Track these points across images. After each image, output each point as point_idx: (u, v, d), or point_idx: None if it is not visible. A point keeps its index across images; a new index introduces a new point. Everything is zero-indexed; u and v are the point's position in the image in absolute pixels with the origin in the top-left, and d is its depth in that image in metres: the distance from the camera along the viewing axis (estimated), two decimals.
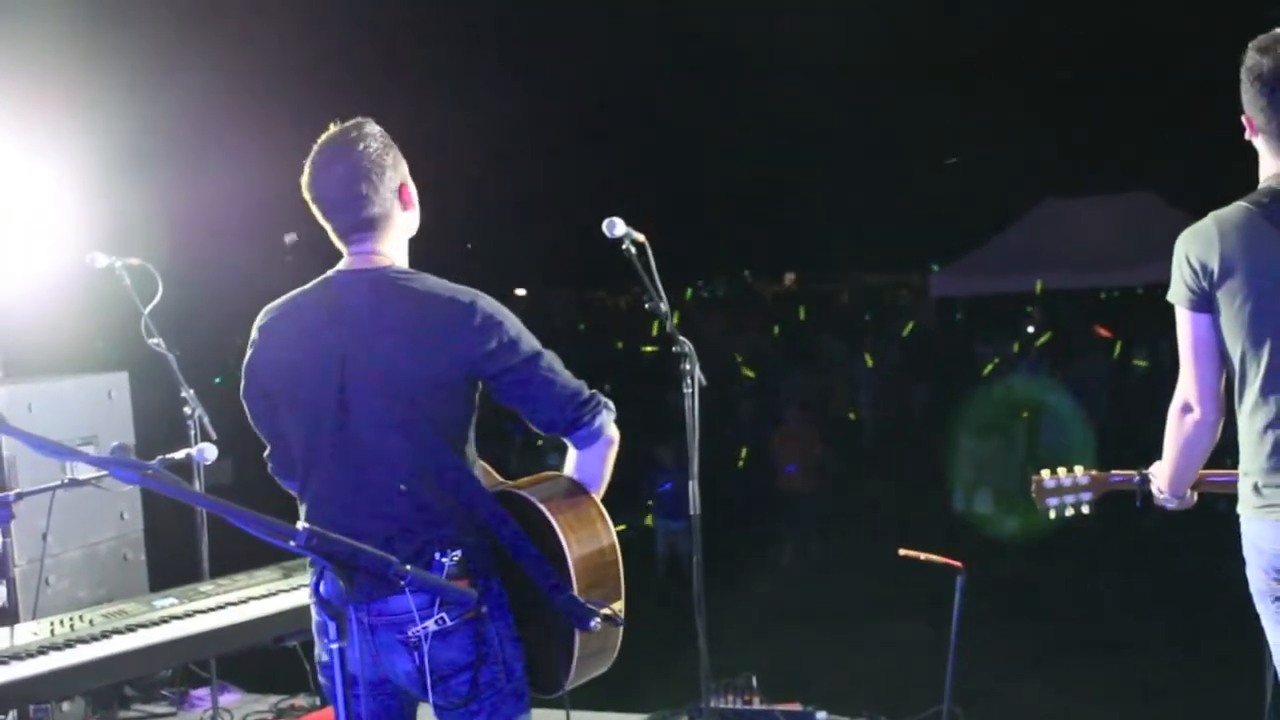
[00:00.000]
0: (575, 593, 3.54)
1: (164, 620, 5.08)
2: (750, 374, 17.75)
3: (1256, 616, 4.56)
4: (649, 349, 17.64)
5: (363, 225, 3.59)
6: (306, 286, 3.66)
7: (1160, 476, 4.22)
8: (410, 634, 3.46)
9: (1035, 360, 17.91)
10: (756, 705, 6.42)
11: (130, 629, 4.95)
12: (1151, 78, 28.39)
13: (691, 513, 5.08)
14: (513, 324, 3.56)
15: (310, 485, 3.62)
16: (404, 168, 3.68)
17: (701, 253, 30.15)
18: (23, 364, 7.42)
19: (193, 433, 6.23)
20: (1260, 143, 3.86)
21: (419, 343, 3.47)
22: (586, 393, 3.63)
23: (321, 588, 2.59)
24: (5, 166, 6.80)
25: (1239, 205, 3.82)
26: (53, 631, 4.90)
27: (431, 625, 3.45)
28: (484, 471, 3.70)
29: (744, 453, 15.92)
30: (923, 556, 5.53)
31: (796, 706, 6.42)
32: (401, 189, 3.65)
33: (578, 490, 3.73)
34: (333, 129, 3.63)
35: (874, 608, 10.69)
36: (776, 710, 6.36)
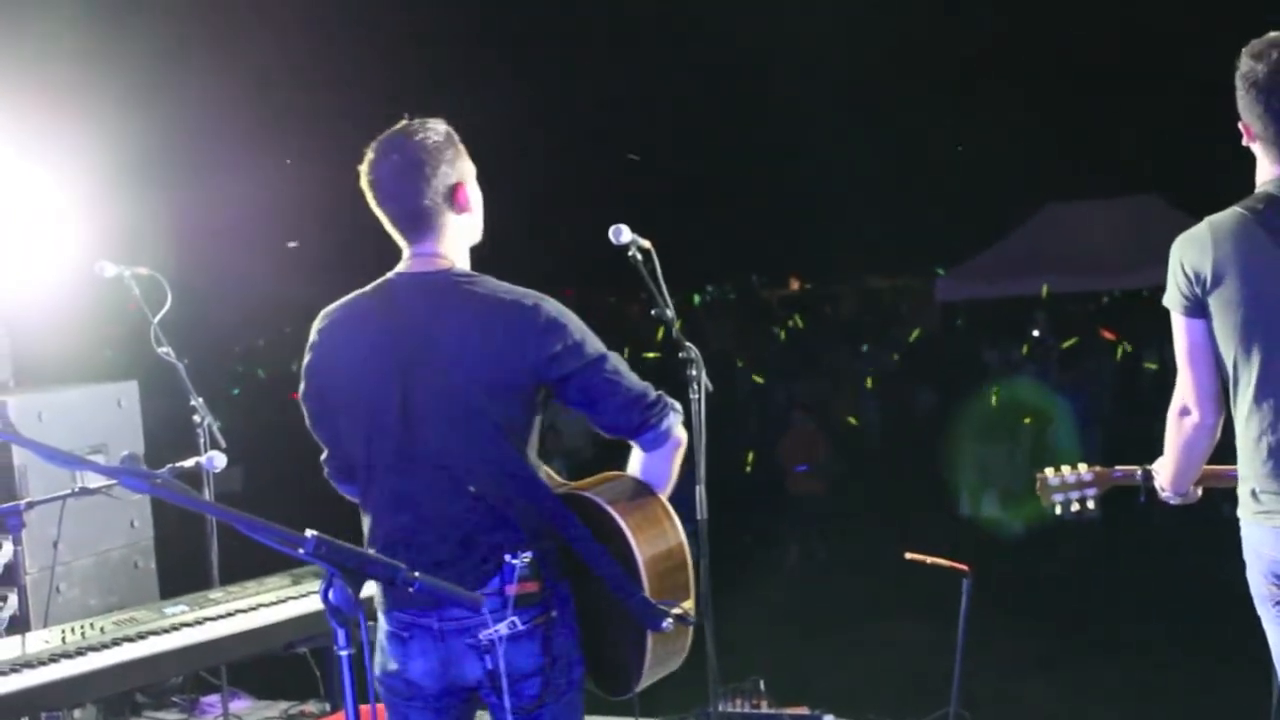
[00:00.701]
0: (646, 594, 3.51)
1: (175, 627, 5.09)
2: (759, 379, 17.75)
3: (1259, 617, 4.56)
4: (650, 355, 17.62)
5: (416, 219, 3.54)
6: (365, 289, 3.60)
7: (1162, 474, 4.22)
8: (482, 638, 3.44)
9: (1041, 364, 17.90)
10: (764, 709, 6.42)
11: (141, 636, 4.97)
12: (1154, 80, 28.36)
13: (698, 517, 5.08)
14: (577, 326, 3.52)
15: (372, 491, 3.57)
16: (466, 169, 3.62)
17: (707, 258, 30.13)
18: (33, 373, 7.44)
19: (202, 441, 6.23)
20: (1257, 148, 3.83)
21: (483, 347, 3.43)
22: (653, 394, 3.59)
23: (330, 595, 2.58)
24: (15, 176, 6.81)
25: (1234, 210, 3.80)
26: (64, 639, 4.92)
27: (503, 629, 3.42)
28: (546, 475, 3.65)
29: (750, 457, 15.92)
30: (929, 560, 5.53)
31: (804, 710, 6.42)
32: (457, 189, 3.58)
33: (644, 490, 3.69)
34: (399, 123, 3.61)
35: (881, 611, 10.68)
36: (784, 714, 6.35)
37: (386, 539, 3.54)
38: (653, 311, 4.77)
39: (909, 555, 5.63)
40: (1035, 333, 20.07)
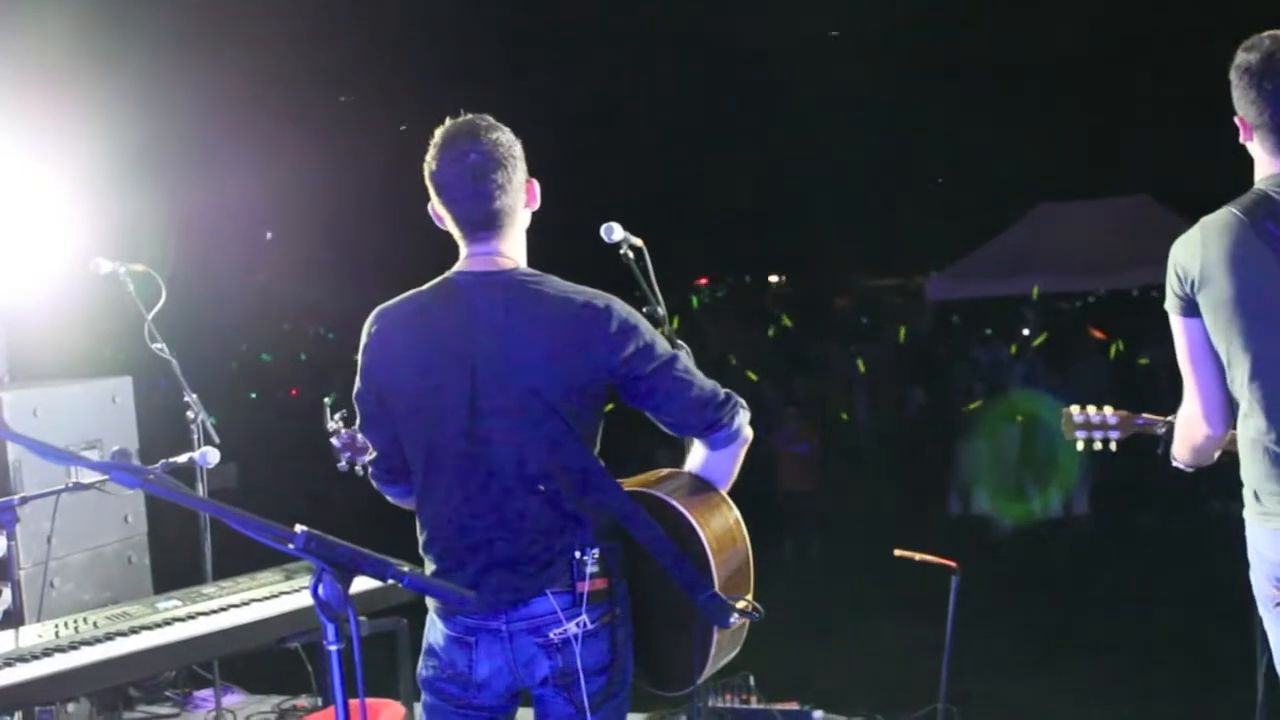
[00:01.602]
0: (717, 589, 3.51)
1: (167, 622, 5.08)
2: (754, 377, 17.73)
3: (1251, 615, 4.56)
4: None
5: (489, 220, 3.49)
6: (424, 288, 3.55)
7: (1177, 451, 4.13)
8: (552, 636, 3.42)
9: (1031, 363, 17.92)
10: (754, 704, 6.43)
11: (134, 631, 4.96)
12: (1147, 81, 28.41)
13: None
14: (646, 328, 3.51)
15: (433, 491, 3.53)
16: (525, 165, 3.58)
17: (699, 257, 30.17)
18: (28, 369, 7.42)
19: (196, 437, 6.22)
20: (1254, 144, 3.81)
21: (556, 350, 3.39)
22: (723, 393, 3.58)
23: (320, 590, 2.58)
24: (11, 172, 6.81)
25: (1226, 211, 3.77)
26: (57, 634, 4.91)
27: (573, 628, 3.42)
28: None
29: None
30: (918, 557, 5.53)
31: (794, 705, 6.43)
32: (528, 185, 3.57)
33: (706, 486, 3.70)
34: (459, 119, 3.54)
35: (870, 607, 10.69)
36: (774, 709, 6.36)
37: (449, 540, 3.52)
38: (644, 309, 4.77)
39: (898, 552, 5.63)
40: (1025, 332, 20.09)
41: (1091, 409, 4.73)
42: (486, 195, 3.46)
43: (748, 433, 3.66)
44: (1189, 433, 3.93)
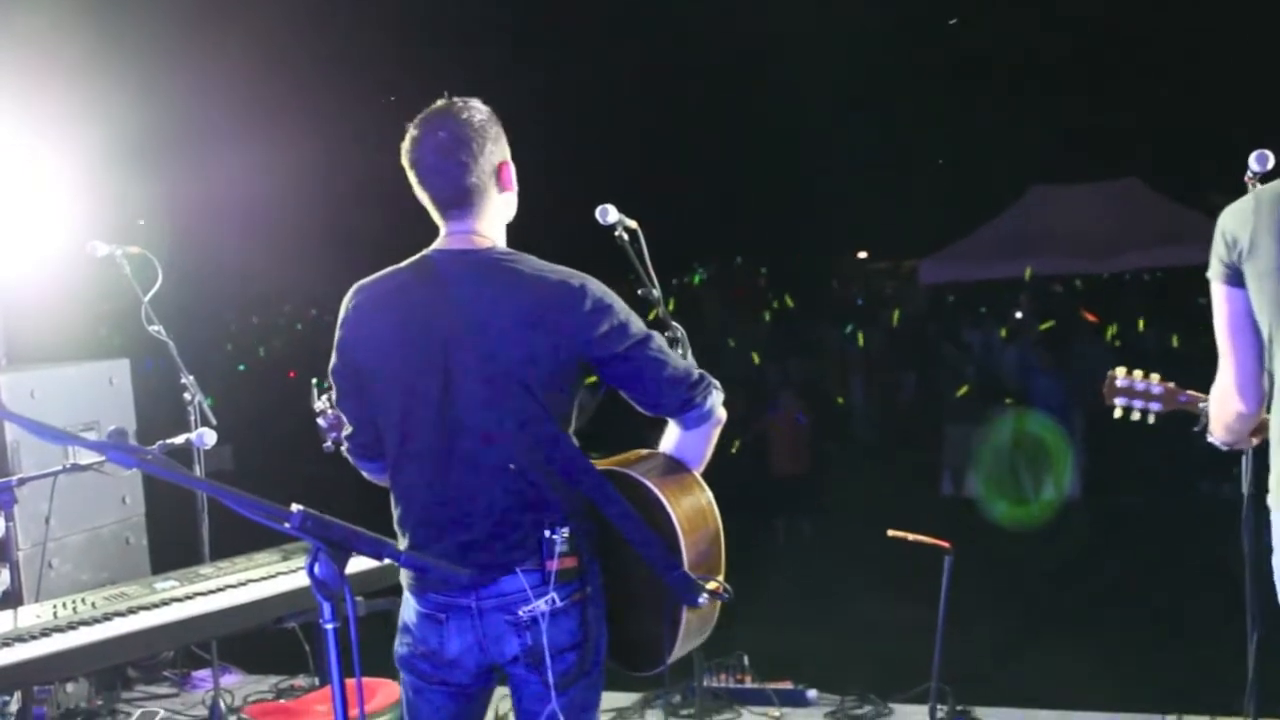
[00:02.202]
0: (686, 569, 3.51)
1: (165, 603, 5.08)
2: (756, 358, 17.75)
3: (1242, 597, 4.56)
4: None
5: (460, 197, 3.50)
6: (402, 265, 3.57)
7: (1213, 428, 4.00)
8: (521, 614, 3.43)
9: (1024, 346, 17.92)
10: (749, 684, 6.43)
11: (132, 611, 4.95)
12: (1138, 66, 28.39)
13: None
14: (622, 307, 3.51)
15: (406, 468, 3.54)
16: (506, 148, 3.60)
17: (692, 239, 30.12)
18: (26, 351, 7.42)
19: (192, 418, 6.21)
20: None
21: (530, 327, 3.40)
22: (696, 373, 3.59)
23: (316, 569, 2.57)
24: (9, 155, 6.79)
25: None
26: (56, 614, 4.91)
27: (543, 605, 3.42)
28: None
29: (737, 437, 15.92)
30: (911, 537, 5.52)
31: (788, 685, 6.44)
32: (501, 167, 3.57)
33: (679, 467, 3.70)
34: (440, 101, 3.58)
35: (864, 588, 10.70)
36: (768, 689, 6.37)
37: (422, 516, 3.52)
38: (639, 291, 4.75)
39: (891, 532, 5.63)
40: (1018, 315, 20.10)
41: (1138, 374, 4.60)
42: (454, 171, 3.48)
43: (721, 413, 3.66)
44: (1222, 409, 3.81)
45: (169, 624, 4.93)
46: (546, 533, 3.42)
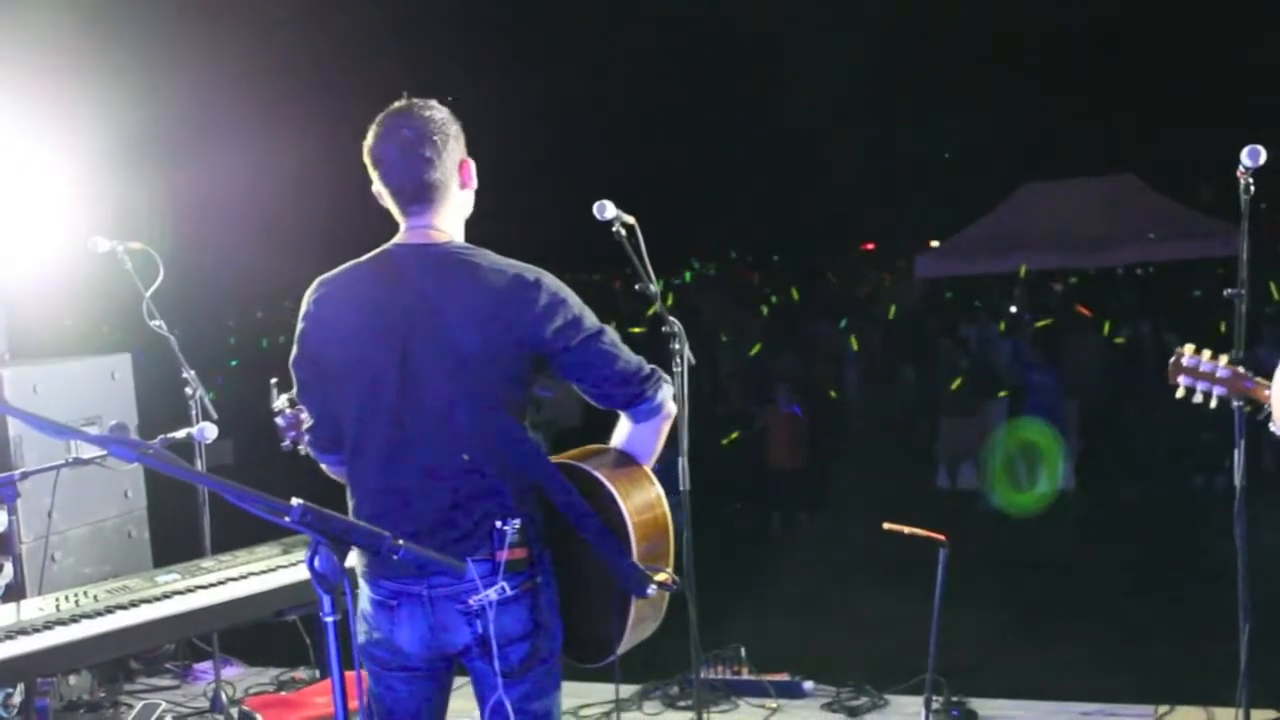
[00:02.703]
0: (635, 560, 3.55)
1: (167, 595, 5.09)
2: (755, 350, 17.73)
3: (1235, 590, 4.55)
4: (636, 329, 17.64)
5: (422, 192, 3.55)
6: (361, 259, 3.61)
7: (1275, 418, 3.86)
8: (472, 603, 3.45)
9: (1017, 340, 17.93)
10: (746, 676, 6.42)
11: (134, 604, 4.96)
12: (1131, 63, 28.40)
13: (681, 488, 5.07)
14: (575, 301, 3.56)
15: (363, 458, 3.57)
16: (464, 146, 3.65)
17: (689, 235, 30.15)
18: (28, 346, 7.41)
19: (194, 413, 6.21)
20: None
21: (485, 319, 3.44)
22: (647, 368, 3.63)
23: (316, 562, 2.58)
24: (12, 153, 6.78)
25: None
26: (58, 607, 4.91)
27: (493, 594, 3.45)
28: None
29: (734, 431, 15.94)
30: (906, 531, 5.52)
31: (784, 677, 6.42)
32: (463, 164, 3.63)
33: (629, 460, 3.74)
34: (399, 102, 3.62)
35: (859, 580, 10.71)
36: (765, 681, 6.36)
37: (376, 505, 3.55)
38: (636, 286, 4.75)
39: (887, 525, 5.62)
40: (1013, 309, 20.11)
41: (1205, 354, 4.40)
42: (418, 167, 3.53)
43: (671, 407, 3.71)
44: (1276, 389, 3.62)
45: (170, 617, 4.94)
46: (498, 523, 3.45)
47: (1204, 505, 12.37)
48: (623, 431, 3.76)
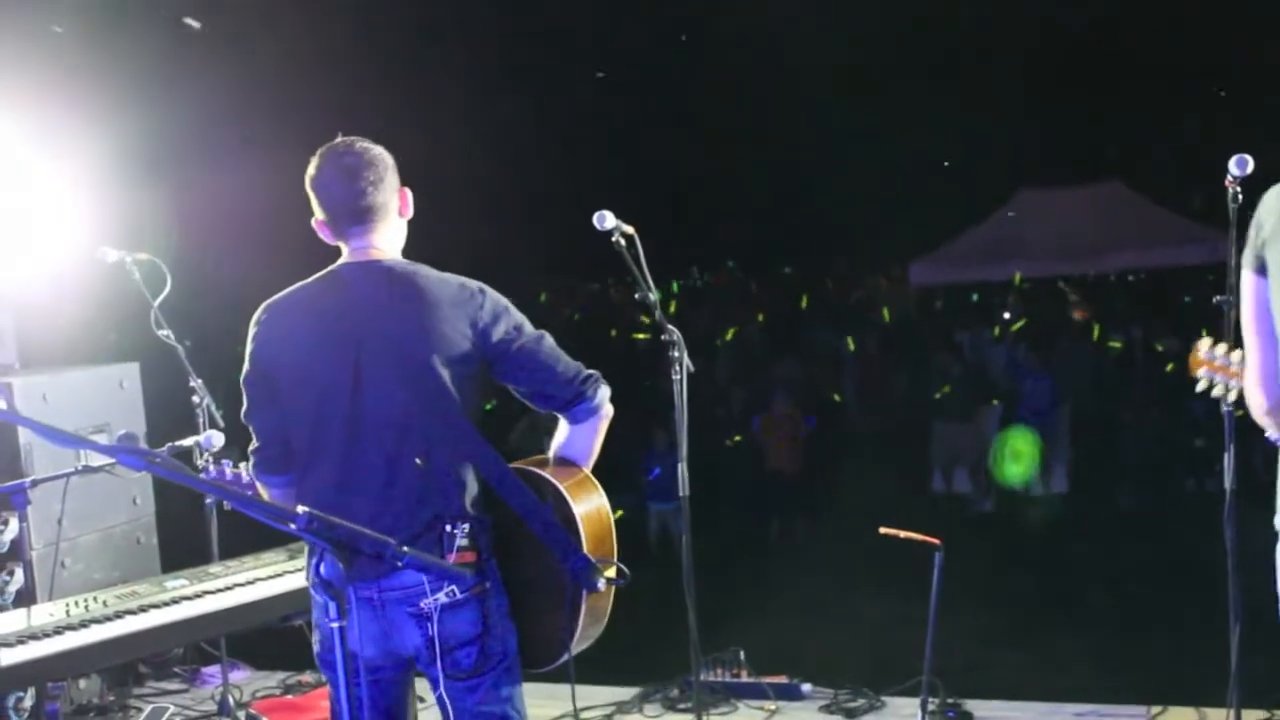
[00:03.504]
0: (587, 554, 3.61)
1: (175, 601, 5.09)
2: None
3: (1225, 592, 4.55)
4: (640, 335, 17.65)
5: (362, 215, 3.65)
6: (309, 280, 3.69)
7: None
8: (422, 606, 3.50)
9: (1011, 345, 17.93)
10: (744, 678, 6.43)
11: (143, 609, 4.96)
12: (1123, 72, 28.42)
13: (681, 494, 5.08)
14: (516, 312, 3.68)
15: (316, 468, 3.62)
16: (398, 179, 3.75)
17: (687, 244, 30.15)
18: (38, 355, 7.42)
19: (201, 421, 6.21)
20: None
21: (432, 326, 3.54)
22: (585, 371, 3.72)
23: (321, 569, 2.59)
24: (22, 166, 6.78)
25: None
26: (68, 612, 4.91)
27: (443, 598, 3.50)
28: None
29: (734, 436, 15.94)
30: (902, 534, 5.52)
31: (783, 679, 6.43)
32: (401, 192, 3.75)
33: (571, 464, 3.82)
34: (337, 139, 3.73)
35: (856, 583, 10.69)
36: (764, 683, 6.36)
37: (330, 510, 3.51)
38: (636, 295, 4.76)
39: (883, 530, 5.63)
40: (1006, 315, 20.10)
41: (1222, 347, 4.20)
42: (359, 190, 3.64)
43: (608, 409, 3.79)
44: (1249, 401, 3.55)
45: (179, 621, 4.94)
46: (447, 527, 3.51)
47: (1195, 508, 12.35)
48: (562, 434, 3.84)
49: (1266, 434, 3.68)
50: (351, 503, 3.51)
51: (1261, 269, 3.36)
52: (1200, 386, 4.28)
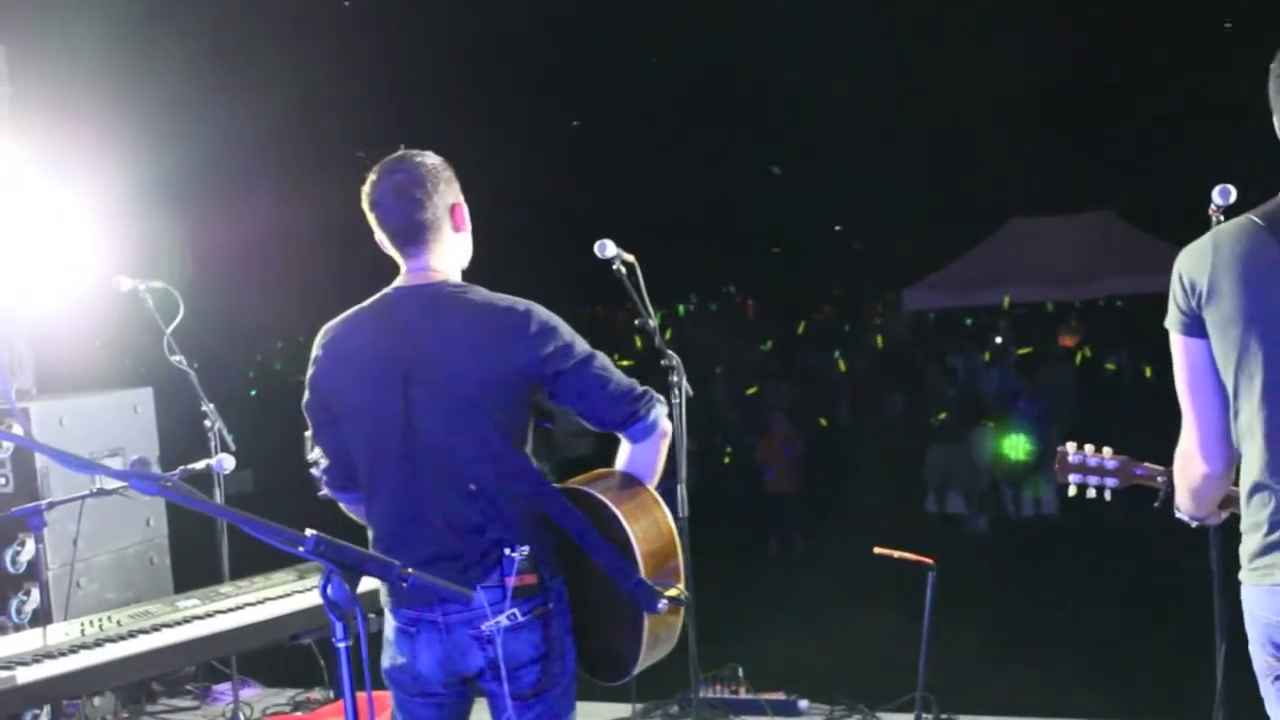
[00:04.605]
0: (643, 576, 3.52)
1: (187, 620, 5.07)
2: (752, 390, 17.74)
3: (1211, 612, 4.54)
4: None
5: (415, 233, 3.57)
6: (365, 303, 3.63)
7: (1179, 499, 3.47)
8: (484, 629, 3.45)
9: (1002, 369, 17.95)
10: (743, 695, 6.41)
11: (156, 628, 4.95)
12: (1111, 105, 28.50)
13: (680, 515, 5.07)
14: (566, 330, 3.56)
15: (377, 494, 3.58)
16: (458, 192, 3.67)
17: (687, 270, 30.19)
18: (55, 381, 7.43)
19: (212, 444, 6.21)
20: None
21: (479, 349, 3.46)
22: (639, 388, 3.62)
23: (329, 590, 2.58)
24: (39, 197, 6.80)
25: (1243, 218, 3.14)
26: (83, 631, 4.89)
27: (504, 620, 3.44)
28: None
29: (731, 457, 15.93)
30: (896, 554, 5.52)
31: (780, 695, 6.41)
32: (455, 208, 3.64)
33: (633, 482, 3.71)
34: (397, 152, 3.66)
35: (852, 602, 10.68)
36: (762, 699, 6.35)
37: (390, 537, 3.56)
38: (636, 321, 4.76)
39: (877, 550, 5.62)
40: (998, 339, 20.12)
41: (1089, 449, 4.05)
42: (410, 208, 3.56)
43: (666, 425, 3.69)
44: (1185, 473, 3.32)
45: (191, 640, 4.93)
46: (506, 550, 3.44)
47: (1182, 529, 12.33)
48: (623, 454, 3.73)
49: (1178, 513, 3.52)
50: (411, 531, 3.49)
51: (1195, 330, 3.17)
52: (1071, 492, 4.12)
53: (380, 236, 3.64)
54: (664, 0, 28.27)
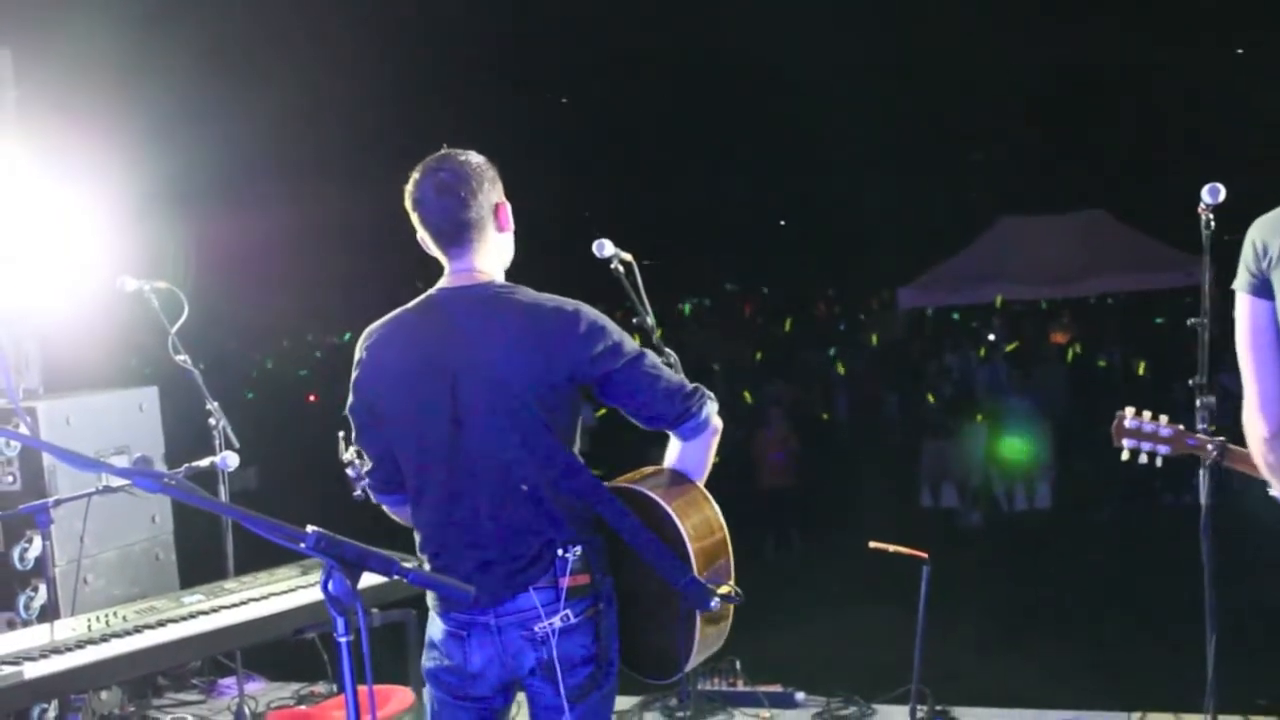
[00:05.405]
0: (696, 575, 3.48)
1: (192, 615, 5.07)
2: (748, 398, 17.73)
3: (1202, 601, 4.53)
4: None
5: (459, 233, 3.50)
6: (409, 305, 3.56)
7: (1256, 463, 3.47)
8: (537, 630, 3.41)
9: (995, 366, 17.95)
10: (740, 687, 6.41)
11: (161, 624, 4.95)
12: (1102, 105, 28.50)
13: None
14: (615, 329, 3.50)
15: (425, 497, 3.52)
16: (502, 191, 3.60)
17: (686, 268, 30.21)
18: (61, 380, 7.42)
19: (217, 442, 6.20)
20: None
21: (528, 350, 3.39)
22: (690, 386, 3.56)
23: (330, 586, 2.57)
24: (46, 197, 6.79)
25: None
26: (90, 627, 4.89)
27: (557, 621, 3.40)
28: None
29: (728, 453, 15.90)
30: (891, 548, 5.51)
31: (777, 688, 6.41)
32: (499, 207, 3.57)
33: (682, 479, 3.66)
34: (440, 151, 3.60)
35: (848, 596, 10.68)
36: (759, 691, 6.34)
37: (440, 540, 3.51)
38: (634, 320, 4.74)
39: (873, 544, 5.61)
40: (991, 337, 20.12)
41: (1146, 416, 4.19)
42: (453, 207, 3.48)
43: (716, 422, 3.63)
44: (1248, 434, 3.37)
45: (196, 635, 4.92)
46: (560, 551, 3.40)
47: (1173, 521, 12.33)
48: (673, 451, 3.69)
49: (1270, 490, 3.51)
50: (462, 530, 3.45)
51: (1263, 292, 3.23)
52: (1124, 456, 4.22)
53: (423, 235, 3.57)
54: (664, 0, 28.24)
